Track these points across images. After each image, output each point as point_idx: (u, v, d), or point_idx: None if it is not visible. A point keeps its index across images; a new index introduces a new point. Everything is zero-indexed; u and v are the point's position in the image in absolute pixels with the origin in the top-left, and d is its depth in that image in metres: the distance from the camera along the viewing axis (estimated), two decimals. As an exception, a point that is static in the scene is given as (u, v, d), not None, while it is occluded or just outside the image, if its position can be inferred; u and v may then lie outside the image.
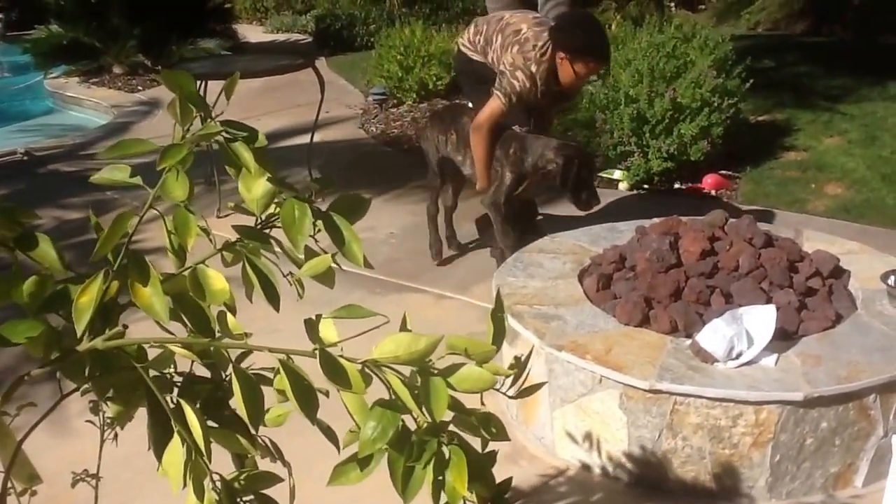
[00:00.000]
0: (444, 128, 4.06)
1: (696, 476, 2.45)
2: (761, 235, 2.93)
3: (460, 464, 1.06)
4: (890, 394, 2.42)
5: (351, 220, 1.09)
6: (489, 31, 3.92)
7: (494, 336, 1.14)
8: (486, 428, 1.15)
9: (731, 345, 2.42)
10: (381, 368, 1.05)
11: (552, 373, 2.62)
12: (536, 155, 3.75)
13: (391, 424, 1.05)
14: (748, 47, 7.25)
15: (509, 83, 3.72)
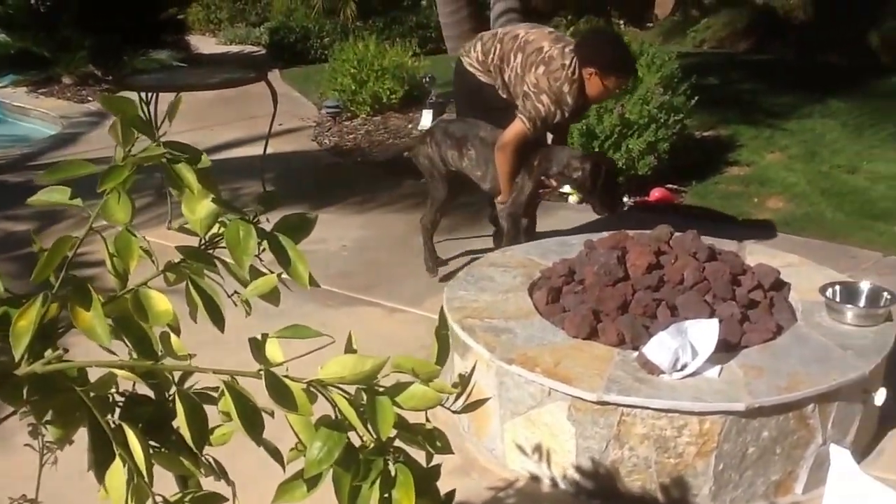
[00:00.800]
0: (456, 143, 3.98)
1: (643, 486, 2.49)
2: (705, 249, 3.00)
3: (407, 481, 1.08)
4: (828, 403, 2.49)
5: (296, 240, 1.10)
6: (504, 49, 3.89)
7: (439, 354, 1.16)
8: (431, 443, 1.17)
9: (676, 357, 2.47)
10: (327, 388, 1.06)
11: (503, 385, 2.65)
12: (562, 164, 3.83)
13: (337, 445, 1.06)
14: (694, 65, 7.38)
15: (534, 107, 3.71)
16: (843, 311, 2.86)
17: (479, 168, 3.96)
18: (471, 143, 3.94)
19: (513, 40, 3.88)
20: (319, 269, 4.29)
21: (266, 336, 1.12)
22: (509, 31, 4.00)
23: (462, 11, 6.68)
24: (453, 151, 3.99)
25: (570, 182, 3.93)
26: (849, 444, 2.60)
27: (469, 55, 4.03)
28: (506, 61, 3.88)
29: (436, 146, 4.03)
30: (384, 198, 5.51)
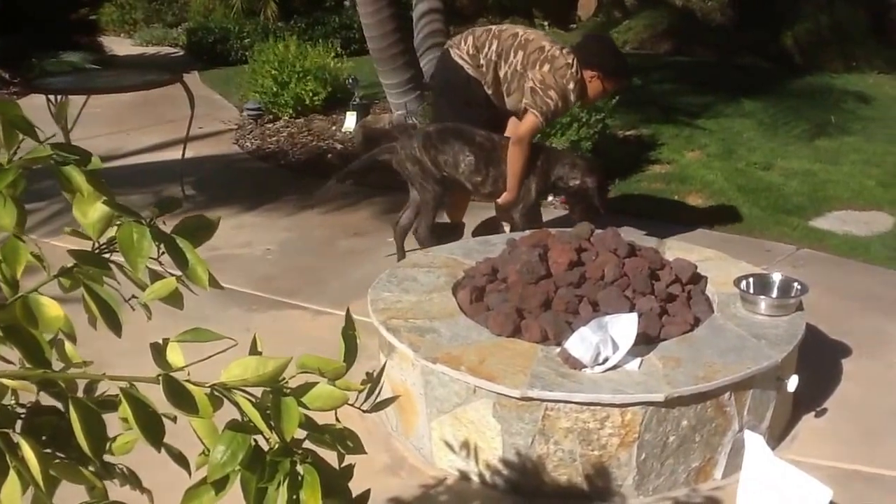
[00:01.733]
0: (450, 149, 3.94)
1: (569, 478, 2.53)
2: (625, 246, 3.06)
3: (314, 482, 1.07)
4: (743, 391, 2.57)
5: (197, 242, 1.08)
6: (503, 45, 3.93)
7: (346, 354, 1.16)
8: (341, 443, 1.17)
9: (598, 351, 2.51)
10: (231, 391, 1.05)
11: (428, 384, 2.66)
12: (564, 170, 3.93)
13: (241, 447, 1.04)
14: (615, 64, 7.50)
15: (544, 102, 3.78)
16: (756, 301, 2.95)
17: (478, 173, 3.94)
18: (467, 149, 3.92)
19: (512, 38, 3.94)
20: (244, 274, 4.28)
21: (167, 341, 1.11)
22: (506, 28, 4.06)
23: (384, 12, 6.66)
24: (447, 158, 3.95)
25: (566, 190, 4.02)
26: (764, 429, 2.68)
27: (459, 47, 4.01)
28: (504, 57, 3.92)
29: (424, 152, 3.97)
30: (308, 200, 5.47)
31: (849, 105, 7.75)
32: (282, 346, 1.28)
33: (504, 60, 3.92)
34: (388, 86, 7.02)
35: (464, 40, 4.03)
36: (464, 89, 4.02)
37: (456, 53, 4.01)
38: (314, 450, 1.15)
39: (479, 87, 3.98)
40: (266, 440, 1.09)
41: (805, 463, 2.68)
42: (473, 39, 4.00)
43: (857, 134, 6.83)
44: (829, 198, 5.38)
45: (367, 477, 2.66)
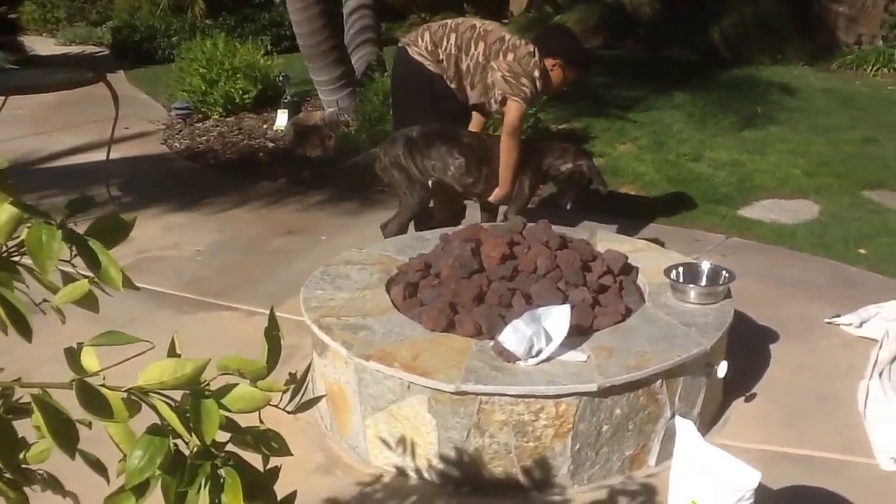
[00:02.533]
0: (437, 154, 3.87)
1: (505, 470, 2.54)
2: (556, 238, 3.08)
3: (235, 485, 1.05)
4: (674, 378, 2.61)
5: (111, 243, 1.05)
6: (462, 38, 3.90)
7: (269, 354, 1.14)
8: (265, 445, 1.15)
9: (531, 343, 2.52)
10: (149, 394, 1.03)
11: (362, 382, 2.64)
12: (554, 158, 3.96)
13: (160, 451, 1.02)
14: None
15: (519, 88, 3.79)
16: (686, 290, 2.99)
17: (469, 174, 3.89)
18: (456, 151, 3.87)
19: (471, 30, 3.91)
20: (173, 275, 4.20)
21: (81, 345, 1.07)
22: (462, 21, 4.02)
23: (313, 8, 6.59)
24: (435, 163, 3.88)
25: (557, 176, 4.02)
26: (695, 415, 2.73)
27: (416, 44, 3.95)
28: (464, 50, 3.89)
29: (410, 158, 3.89)
30: (238, 200, 5.40)
31: (774, 96, 7.93)
32: (213, 349, 1.26)
33: (465, 53, 3.90)
34: (319, 83, 6.97)
35: (420, 37, 3.98)
36: (428, 86, 3.96)
37: (414, 51, 3.95)
38: (237, 452, 1.13)
39: (442, 81, 3.94)
40: (186, 444, 1.06)
41: (736, 447, 2.73)
42: (430, 35, 3.96)
43: (782, 124, 6.99)
44: (757, 187, 5.50)
45: (302, 477, 2.66)
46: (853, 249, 4.53)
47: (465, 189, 3.97)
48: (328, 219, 5.05)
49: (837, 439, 2.83)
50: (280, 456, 1.22)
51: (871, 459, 2.72)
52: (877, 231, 4.76)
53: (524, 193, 3.97)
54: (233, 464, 1.07)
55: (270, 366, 1.14)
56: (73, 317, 1.17)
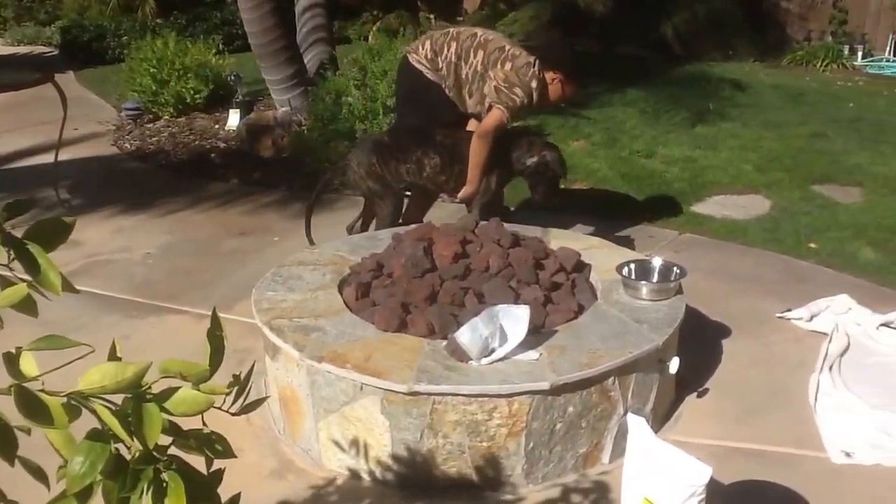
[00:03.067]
0: (415, 155, 3.83)
1: (459, 471, 2.53)
2: (509, 236, 3.07)
3: (178, 489, 1.04)
4: (627, 375, 2.61)
5: (50, 246, 1.02)
6: (463, 46, 3.89)
7: (212, 357, 1.11)
8: (209, 448, 1.13)
9: (486, 343, 2.51)
10: (89, 399, 1.00)
11: (314, 384, 2.61)
12: (521, 151, 3.90)
13: (101, 457, 1.00)
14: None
15: (509, 98, 3.74)
16: (637, 287, 3.00)
17: (443, 173, 3.86)
18: (432, 150, 3.83)
19: (471, 38, 3.91)
20: (122, 279, 4.13)
21: (20, 350, 1.04)
22: (464, 30, 4.01)
23: (265, 7, 6.53)
24: (410, 166, 3.83)
25: (524, 170, 3.97)
26: (648, 411, 2.74)
27: (417, 52, 3.97)
28: (464, 58, 3.88)
29: (383, 165, 3.82)
30: (190, 201, 5.33)
31: (726, 93, 8.02)
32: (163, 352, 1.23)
33: (464, 61, 3.90)
34: (271, 82, 6.91)
35: (421, 45, 4.00)
36: (426, 94, 3.97)
37: (414, 59, 3.97)
38: (181, 456, 1.11)
39: (440, 90, 3.95)
40: (128, 448, 1.05)
41: (689, 443, 2.74)
42: (431, 43, 3.97)
43: (734, 120, 7.07)
44: (709, 183, 5.55)
45: (255, 482, 2.62)
46: (804, 244, 4.59)
47: (438, 186, 3.98)
48: (281, 219, 5.00)
49: (789, 433, 2.85)
50: (224, 458, 1.21)
51: (822, 453, 2.74)
52: (827, 225, 4.83)
53: (490, 191, 3.94)
54: (175, 468, 1.06)
55: (213, 368, 1.13)
56: (18, 322, 1.15)
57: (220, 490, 1.17)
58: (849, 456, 2.70)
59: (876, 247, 4.54)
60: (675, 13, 10.34)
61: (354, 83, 5.79)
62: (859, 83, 9.17)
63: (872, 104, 7.93)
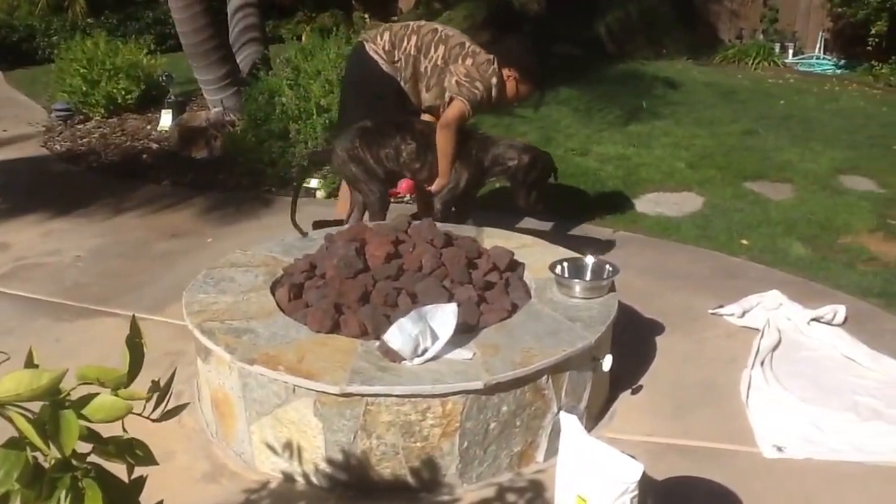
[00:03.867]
0: (391, 142, 3.86)
1: (394, 472, 2.51)
2: (441, 236, 3.07)
3: (95, 497, 1.02)
4: (560, 373, 2.62)
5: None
6: (423, 40, 3.91)
7: (131, 363, 1.09)
8: (130, 454, 1.11)
9: (417, 343, 2.50)
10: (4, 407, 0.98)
11: (246, 387, 2.57)
12: (500, 151, 3.88)
13: (17, 465, 0.99)
14: (437, 56, 7.57)
15: (471, 92, 3.78)
16: (571, 285, 3.02)
17: (418, 160, 3.88)
18: (409, 137, 3.86)
19: (432, 33, 3.93)
20: (52, 282, 4.04)
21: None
22: (424, 24, 4.02)
23: (196, 6, 6.42)
24: (388, 151, 3.86)
25: (504, 172, 3.97)
26: (582, 409, 2.75)
27: (375, 42, 3.98)
28: (424, 52, 3.89)
29: (366, 149, 3.85)
30: (121, 203, 5.23)
31: (659, 91, 8.14)
32: (94, 356, 1.21)
33: (424, 55, 3.91)
34: (203, 82, 6.81)
35: (380, 35, 4.00)
36: (376, 83, 3.97)
37: (371, 48, 3.98)
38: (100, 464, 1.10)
39: (393, 82, 3.95)
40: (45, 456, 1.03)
41: (622, 440, 2.77)
42: (390, 35, 3.98)
43: (666, 118, 7.17)
44: (643, 181, 5.62)
45: (187, 486, 2.58)
46: (736, 240, 4.67)
47: (413, 175, 3.98)
48: (214, 221, 4.93)
49: (722, 429, 2.89)
50: (146, 465, 1.19)
51: (754, 448, 2.78)
52: (758, 222, 4.92)
53: (457, 189, 3.94)
54: (94, 475, 1.04)
55: (133, 374, 1.11)
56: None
57: (152, 494, 1.16)
58: (780, 450, 2.75)
59: (806, 242, 4.64)
60: (609, 12, 10.46)
61: (288, 83, 5.72)
62: (790, 80, 9.38)
63: (803, 101, 8.11)
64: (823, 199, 5.32)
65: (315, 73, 5.65)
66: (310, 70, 5.71)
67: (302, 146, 5.44)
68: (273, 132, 5.67)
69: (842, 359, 3.38)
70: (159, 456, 1.16)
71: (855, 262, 4.41)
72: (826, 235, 4.75)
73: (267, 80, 6.06)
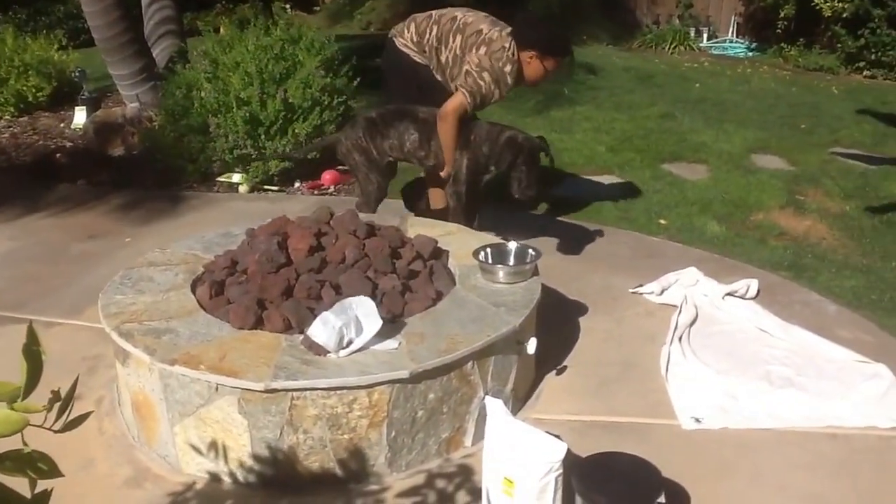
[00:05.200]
0: (394, 132, 3.89)
1: (322, 465, 2.50)
2: (364, 227, 3.06)
3: (-8, 515, 0.98)
4: (485, 358, 2.65)
5: None
6: (442, 30, 3.92)
7: (29, 373, 1.05)
8: (32, 468, 1.07)
9: (342, 335, 2.49)
10: None
11: (168, 388, 2.53)
12: (492, 138, 3.85)
13: None
14: (360, 46, 7.54)
15: (475, 83, 3.76)
16: (494, 271, 3.04)
17: (422, 148, 3.90)
18: (412, 126, 3.88)
19: (451, 22, 3.94)
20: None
21: None
22: (445, 13, 4.01)
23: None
24: (392, 141, 3.90)
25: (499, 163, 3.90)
26: (509, 392, 2.79)
27: (403, 35, 4.04)
28: (444, 42, 3.92)
29: (370, 140, 3.91)
30: (35, 205, 5.07)
31: (580, 76, 8.22)
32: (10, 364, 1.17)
33: (444, 45, 3.93)
34: (118, 77, 6.65)
35: (406, 28, 4.05)
36: (413, 75, 4.02)
37: (400, 42, 4.03)
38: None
39: (428, 71, 4.00)
40: None
41: (549, 420, 2.82)
42: (415, 26, 4.02)
43: (587, 103, 7.26)
44: (565, 165, 5.68)
45: (109, 493, 2.53)
46: (654, 221, 4.77)
47: (420, 162, 4.00)
48: (133, 220, 4.82)
49: (643, 404, 2.96)
50: (50, 478, 1.15)
51: (673, 420, 2.86)
52: (675, 202, 5.03)
53: (461, 175, 3.92)
54: None
55: (31, 385, 1.07)
56: None
57: (72, 504, 1.13)
58: (698, 422, 2.83)
59: (720, 220, 4.76)
60: (531, 0, 10.54)
61: (206, 76, 5.62)
62: (705, 64, 9.59)
63: (717, 84, 8.30)
64: (737, 178, 5.46)
65: (234, 66, 5.56)
66: (228, 62, 5.61)
67: (222, 140, 5.35)
68: (192, 127, 5.56)
69: (755, 331, 3.49)
70: (79, 464, 1.14)
71: (767, 238, 4.55)
72: (739, 213, 4.89)
73: (184, 73, 5.94)
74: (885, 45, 8.88)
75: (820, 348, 3.32)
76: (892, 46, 8.83)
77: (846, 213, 4.99)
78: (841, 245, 4.52)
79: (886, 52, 8.89)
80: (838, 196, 5.22)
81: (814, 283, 4.00)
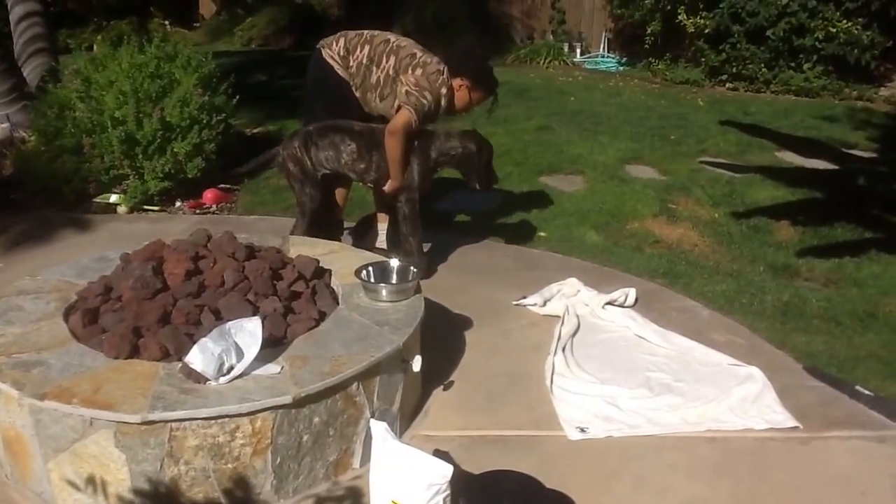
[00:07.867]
0: (330, 144, 3.97)
1: (206, 496, 2.44)
2: (243, 249, 3.01)
3: None
4: (370, 378, 2.64)
5: None
6: (376, 50, 4.02)
7: None
8: None
9: (221, 361, 2.45)
10: None
11: (39, 423, 2.42)
12: (441, 142, 4.01)
13: None
14: (241, 63, 7.46)
15: (419, 101, 3.86)
16: (377, 289, 3.05)
17: (361, 161, 3.98)
18: (349, 138, 3.96)
19: (384, 44, 4.04)
20: None
21: None
22: (377, 34, 4.12)
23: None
24: (328, 153, 3.97)
25: (451, 160, 4.05)
26: (396, 411, 2.79)
27: (331, 48, 4.10)
28: (376, 62, 4.01)
29: (305, 151, 3.98)
30: None
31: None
32: None
33: (376, 65, 3.99)
34: (-14, 97, 6.36)
35: (335, 41, 4.12)
36: (335, 87, 4.09)
37: (327, 53, 4.10)
38: None
39: (348, 87, 4.08)
40: None
41: (437, 436, 2.84)
42: (345, 41, 4.10)
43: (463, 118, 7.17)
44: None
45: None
46: (534, 233, 4.86)
47: (359, 175, 4.07)
48: (4, 245, 4.61)
49: (529, 416, 3.00)
50: None
51: (559, 432, 2.91)
52: (553, 214, 5.15)
53: (413, 182, 4.02)
54: None
55: None
56: None
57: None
58: (583, 431, 2.89)
59: (598, 230, 4.90)
60: (405, 14, 10.63)
61: (78, 95, 5.43)
62: (579, 78, 9.85)
63: (590, 97, 8.54)
64: (612, 188, 5.63)
65: (108, 84, 5.39)
66: (102, 81, 5.44)
67: (98, 161, 5.19)
68: (66, 147, 5.35)
69: (634, 338, 3.60)
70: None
71: (642, 246, 4.71)
72: (616, 222, 5.04)
73: (56, 92, 5.72)
74: (744, 59, 9.31)
75: (696, 353, 3.45)
76: (751, 60, 9.28)
77: (715, 219, 5.20)
78: (712, 251, 4.72)
79: (746, 65, 9.33)
80: (707, 204, 5.44)
81: (688, 288, 4.15)
